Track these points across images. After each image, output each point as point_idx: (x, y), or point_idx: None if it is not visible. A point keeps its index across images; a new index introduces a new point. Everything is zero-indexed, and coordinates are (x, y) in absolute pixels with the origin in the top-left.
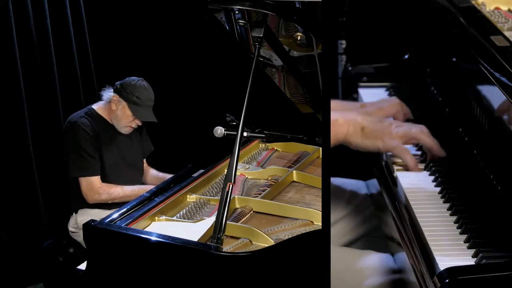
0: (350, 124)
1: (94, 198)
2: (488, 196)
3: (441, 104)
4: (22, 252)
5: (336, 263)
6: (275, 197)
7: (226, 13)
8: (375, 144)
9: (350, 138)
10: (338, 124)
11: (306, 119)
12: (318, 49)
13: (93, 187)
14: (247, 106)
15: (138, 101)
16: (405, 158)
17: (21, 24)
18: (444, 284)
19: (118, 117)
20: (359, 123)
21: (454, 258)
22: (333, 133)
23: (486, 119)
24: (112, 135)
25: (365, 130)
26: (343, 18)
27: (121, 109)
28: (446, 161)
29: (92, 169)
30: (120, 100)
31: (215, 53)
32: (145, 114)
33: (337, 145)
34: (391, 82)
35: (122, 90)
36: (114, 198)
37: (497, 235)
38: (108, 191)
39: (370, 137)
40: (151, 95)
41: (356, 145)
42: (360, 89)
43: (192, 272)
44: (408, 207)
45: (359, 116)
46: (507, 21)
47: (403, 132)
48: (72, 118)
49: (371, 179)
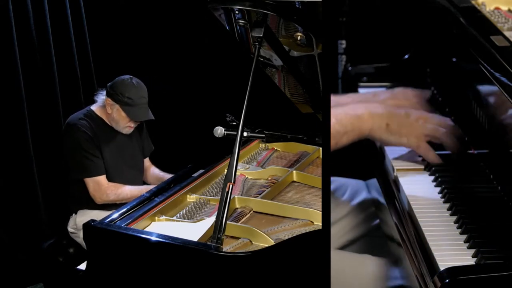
0: (375, 119)
1: (102, 199)
2: (488, 196)
3: (441, 104)
4: (22, 252)
5: (335, 264)
6: (275, 197)
7: (226, 13)
8: (400, 141)
9: (374, 133)
10: (363, 119)
11: (306, 119)
12: (318, 49)
13: (100, 187)
14: (247, 106)
15: (130, 102)
16: (428, 157)
17: (21, 24)
18: (444, 284)
19: (115, 119)
20: (385, 118)
21: (454, 258)
22: (358, 127)
23: (486, 119)
24: (111, 136)
25: (390, 126)
26: (343, 18)
27: (116, 111)
28: (446, 161)
29: (97, 169)
30: (114, 104)
31: (215, 53)
32: (139, 114)
33: (362, 139)
34: (391, 82)
35: (113, 93)
36: (122, 198)
37: (497, 235)
38: (116, 191)
39: (395, 133)
40: (143, 92)
41: (380, 140)
42: (360, 89)
43: (192, 272)
44: (408, 207)
45: (385, 111)
46: (507, 21)
47: (430, 131)
48: (70, 120)
49: (371, 179)
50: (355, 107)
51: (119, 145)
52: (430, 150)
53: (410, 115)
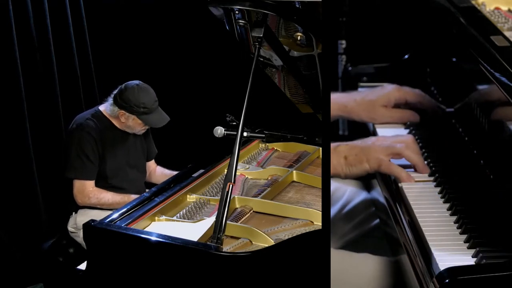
0: (332, 156)
1: (83, 201)
2: (488, 196)
3: (441, 105)
4: (22, 252)
5: (335, 264)
6: (275, 197)
7: (226, 13)
8: (363, 168)
9: (336, 170)
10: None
11: (306, 119)
12: (318, 49)
13: (84, 190)
14: (247, 106)
15: (146, 110)
16: (394, 172)
17: (21, 24)
18: (444, 284)
19: (131, 127)
20: (342, 153)
21: (454, 258)
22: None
23: (486, 119)
24: (117, 137)
25: (348, 158)
26: (343, 18)
27: (132, 121)
28: (446, 161)
29: (88, 174)
30: (129, 115)
31: (215, 53)
32: (156, 119)
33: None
34: (391, 82)
35: (126, 106)
36: (103, 203)
37: (497, 235)
38: (98, 195)
39: (355, 163)
40: (153, 95)
41: (345, 175)
42: (360, 89)
43: (192, 272)
44: (408, 207)
45: (341, 145)
46: (507, 21)
47: (386, 147)
48: (78, 119)
49: (371, 179)
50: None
51: (125, 146)
52: (394, 165)
53: (366, 140)
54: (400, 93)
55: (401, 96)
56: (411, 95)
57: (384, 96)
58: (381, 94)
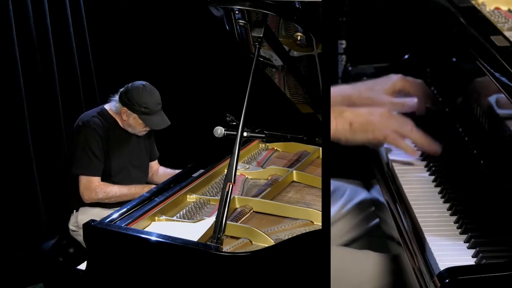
0: (337, 121)
1: (90, 197)
2: (488, 196)
3: (441, 104)
4: (22, 252)
5: (336, 263)
6: (275, 197)
7: (226, 13)
8: (366, 137)
9: (339, 135)
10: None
11: (306, 119)
12: (318, 49)
13: (90, 185)
14: (247, 106)
15: (148, 111)
16: (399, 145)
17: (21, 24)
18: (444, 284)
19: (132, 126)
20: (347, 119)
21: (454, 258)
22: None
23: (486, 119)
24: (122, 136)
25: (354, 125)
26: (343, 18)
27: (133, 120)
28: (446, 161)
29: (94, 169)
30: (131, 113)
31: (215, 53)
32: (157, 121)
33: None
34: None
35: (129, 103)
36: (111, 196)
37: (497, 235)
38: (105, 189)
39: (359, 130)
40: (158, 98)
41: (346, 141)
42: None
43: (192, 272)
44: (408, 207)
45: (347, 111)
46: (507, 21)
47: (395, 129)
48: (83, 117)
49: (371, 179)
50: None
51: (128, 146)
52: (400, 138)
53: (373, 113)
54: (404, 82)
55: (404, 86)
56: (414, 86)
57: (388, 84)
58: (386, 83)
